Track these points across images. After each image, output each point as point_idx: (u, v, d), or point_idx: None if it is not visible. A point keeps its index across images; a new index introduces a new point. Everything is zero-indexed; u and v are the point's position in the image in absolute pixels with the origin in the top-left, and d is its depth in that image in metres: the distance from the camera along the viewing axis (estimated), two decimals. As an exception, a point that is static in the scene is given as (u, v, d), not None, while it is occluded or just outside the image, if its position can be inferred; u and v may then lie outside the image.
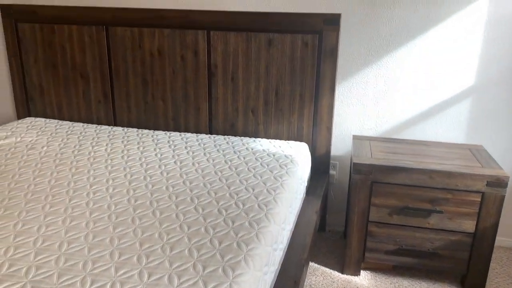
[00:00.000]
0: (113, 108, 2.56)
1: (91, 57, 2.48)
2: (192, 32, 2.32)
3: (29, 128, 2.40)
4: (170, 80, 2.42)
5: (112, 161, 1.98)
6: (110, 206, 1.55)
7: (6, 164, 1.91)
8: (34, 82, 2.61)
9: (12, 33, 2.55)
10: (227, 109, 2.40)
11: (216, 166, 1.94)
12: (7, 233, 1.36)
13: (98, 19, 2.41)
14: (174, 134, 2.37)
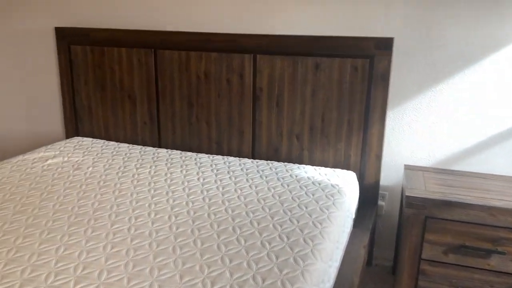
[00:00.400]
0: (158, 130, 2.57)
1: (138, 79, 2.52)
2: (238, 56, 2.30)
3: (76, 148, 2.45)
4: (215, 103, 2.40)
5: (155, 184, 1.96)
6: (152, 233, 1.52)
7: (52, 185, 1.93)
8: (83, 102, 2.68)
9: (65, 55, 2.63)
10: (271, 133, 2.34)
11: (259, 193, 1.88)
12: (49, 257, 1.35)
13: (147, 42, 2.45)
14: (217, 157, 2.33)
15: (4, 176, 2.01)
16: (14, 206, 1.70)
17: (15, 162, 2.20)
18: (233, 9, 2.33)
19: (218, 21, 2.36)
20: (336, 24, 2.17)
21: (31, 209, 1.68)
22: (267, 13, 2.27)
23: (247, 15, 2.31)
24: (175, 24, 2.44)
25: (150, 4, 2.47)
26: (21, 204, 1.72)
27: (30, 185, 1.92)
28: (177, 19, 2.44)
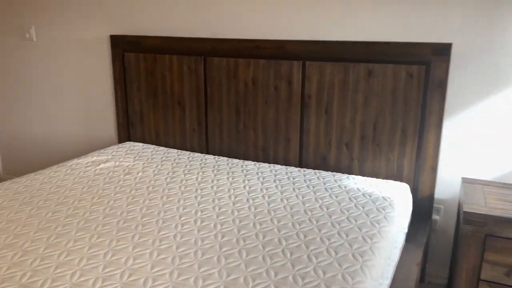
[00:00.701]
0: (206, 136, 2.58)
1: (188, 86, 2.54)
2: (287, 62, 2.27)
3: (127, 153, 2.51)
4: (262, 110, 2.38)
5: (202, 191, 1.96)
6: (197, 241, 1.51)
7: (103, 189, 1.98)
8: (136, 108, 2.75)
9: (119, 62, 2.72)
10: (319, 141, 2.28)
11: (305, 204, 1.83)
12: (97, 262, 1.37)
13: (197, 50, 2.47)
14: (263, 165, 2.31)
15: (59, 180, 2.09)
16: (67, 209, 1.75)
17: (70, 165, 2.29)
18: (282, 15, 2.30)
19: (267, 28, 2.34)
20: (390, 29, 2.08)
21: (83, 213, 1.73)
22: (317, 19, 2.22)
23: (296, 21, 2.27)
24: (225, 31, 2.45)
25: (200, 12, 2.49)
26: (73, 207, 1.78)
27: (83, 188, 1.98)
28: (226, 26, 2.44)
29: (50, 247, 1.45)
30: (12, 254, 1.40)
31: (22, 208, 1.76)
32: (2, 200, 1.83)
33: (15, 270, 1.31)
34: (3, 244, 1.46)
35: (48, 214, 1.71)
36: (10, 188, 1.96)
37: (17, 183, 2.03)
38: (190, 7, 2.51)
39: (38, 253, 1.41)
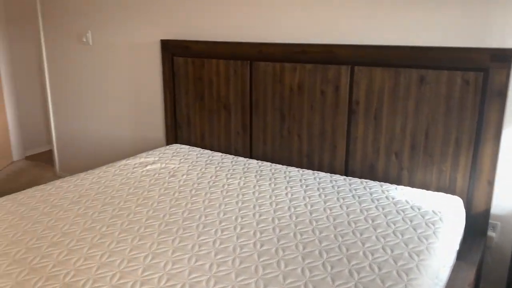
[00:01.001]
0: (250, 140, 2.57)
1: (234, 90, 2.55)
2: (334, 67, 2.21)
3: (174, 155, 2.55)
4: (308, 115, 2.33)
5: (243, 196, 1.95)
6: (236, 249, 1.49)
7: (148, 190, 2.02)
8: (183, 111, 2.79)
9: (169, 66, 2.77)
10: (366, 149, 2.20)
11: (350, 215, 1.76)
12: (137, 265, 1.39)
13: (243, 54, 2.47)
14: (307, 172, 2.26)
15: (107, 180, 2.15)
16: (113, 210, 1.80)
17: (119, 166, 2.35)
18: (330, 19, 2.24)
19: (314, 32, 2.30)
20: (444, 33, 1.97)
21: (127, 214, 1.76)
22: (366, 22, 2.14)
23: (344, 25, 2.21)
24: (271, 36, 2.43)
25: (247, 16, 2.48)
26: (119, 208, 1.82)
27: (129, 189, 2.03)
28: (273, 31, 2.42)
29: (93, 247, 1.49)
30: (58, 252, 1.45)
31: (71, 207, 1.82)
32: (53, 198, 1.91)
33: (59, 269, 1.36)
34: (50, 242, 1.52)
35: (95, 214, 1.76)
36: (62, 187, 2.05)
37: (68, 182, 2.11)
38: (237, 12, 2.51)
39: (82, 253, 1.45)
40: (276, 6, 2.38)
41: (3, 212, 1.75)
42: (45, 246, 1.49)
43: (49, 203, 1.86)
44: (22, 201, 1.87)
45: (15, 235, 1.57)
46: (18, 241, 1.52)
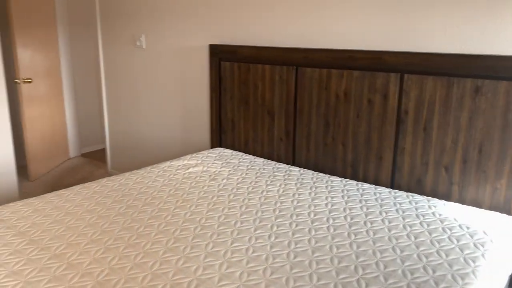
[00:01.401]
0: (293, 147, 2.53)
1: (279, 96, 2.52)
2: (383, 74, 2.12)
3: (216, 158, 2.56)
4: (353, 124, 2.26)
5: (281, 204, 1.91)
6: (268, 258, 1.46)
7: (188, 193, 2.04)
8: (228, 115, 2.80)
9: (216, 70, 2.80)
10: (414, 162, 2.09)
11: (391, 230, 1.67)
12: (168, 268, 1.39)
13: (290, 60, 2.44)
14: (350, 182, 2.18)
15: (150, 180, 2.20)
16: (152, 211, 1.83)
17: (162, 167, 2.40)
18: (379, 24, 2.16)
19: (362, 38, 2.22)
20: (503, 40, 1.83)
21: (165, 215, 1.78)
22: (417, 28, 2.04)
23: (394, 30, 2.12)
24: (318, 41, 2.38)
25: (294, 22, 2.45)
26: (158, 209, 1.85)
27: (170, 191, 2.06)
28: (320, 36, 2.37)
29: (129, 247, 1.52)
30: (96, 250, 1.49)
31: (113, 206, 1.87)
32: (98, 196, 1.97)
33: (95, 266, 1.39)
34: (89, 239, 1.57)
35: (135, 213, 1.80)
36: (107, 185, 2.12)
37: (113, 181, 2.18)
38: (284, 17, 2.49)
39: (117, 252, 1.48)
40: (324, 11, 2.33)
41: (50, 207, 1.83)
42: (84, 242, 1.54)
43: (93, 201, 1.92)
44: (69, 197, 1.95)
45: (58, 230, 1.63)
46: (60, 236, 1.58)
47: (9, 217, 1.72)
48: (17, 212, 1.77)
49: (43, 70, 3.95)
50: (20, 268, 1.37)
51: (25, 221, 1.70)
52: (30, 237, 1.57)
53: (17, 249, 1.48)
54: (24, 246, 1.50)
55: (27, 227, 1.64)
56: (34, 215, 1.75)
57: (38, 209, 1.81)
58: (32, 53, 3.75)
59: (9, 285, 1.28)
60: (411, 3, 2.05)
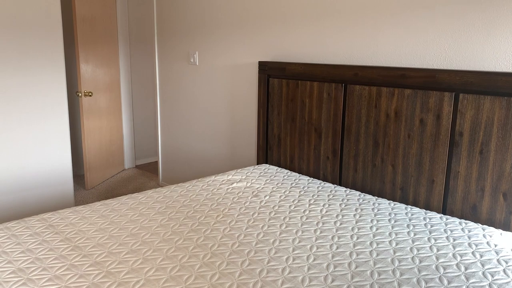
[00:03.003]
0: (340, 166, 2.46)
1: (326, 113, 2.48)
2: (436, 93, 2.02)
3: (261, 175, 2.55)
4: (404, 145, 2.16)
5: (323, 224, 1.86)
6: (304, 280, 1.41)
7: (230, 208, 2.03)
8: (275, 132, 2.79)
9: (264, 87, 2.81)
10: (469, 187, 1.96)
11: (440, 258, 1.56)
12: (202, 283, 1.38)
13: (339, 77, 2.40)
14: (399, 206, 2.08)
15: (194, 194, 2.22)
16: (192, 224, 1.84)
17: (207, 181, 2.42)
18: (433, 42, 2.07)
19: (415, 55, 2.14)
20: None
21: (205, 229, 1.79)
22: (474, 46, 1.93)
23: (449, 47, 2.02)
24: (369, 59, 2.32)
25: (344, 38, 2.42)
26: (198, 222, 1.86)
27: (212, 205, 2.06)
28: (370, 53, 2.31)
29: (167, 259, 1.53)
30: (134, 260, 1.51)
31: (156, 217, 1.91)
32: (142, 207, 2.02)
33: (132, 276, 1.41)
34: (129, 249, 1.60)
35: (175, 226, 1.82)
36: (152, 197, 2.16)
37: (159, 192, 2.23)
38: (334, 34, 2.46)
39: (155, 263, 1.50)
40: (375, 27, 2.28)
41: (96, 216, 1.89)
42: (125, 252, 1.57)
43: (137, 211, 1.97)
44: (115, 207, 2.02)
45: (101, 238, 1.68)
46: (102, 245, 1.62)
47: (58, 223, 1.80)
48: (66, 218, 1.85)
49: (104, 84, 4.17)
50: (62, 273, 1.41)
51: (72, 227, 1.77)
52: (75, 243, 1.63)
53: (62, 254, 1.54)
54: (68, 252, 1.56)
55: (73, 234, 1.71)
56: (81, 223, 1.81)
57: (85, 217, 1.88)
58: (94, 68, 3.98)
59: (50, 288, 1.32)
60: (468, 21, 1.95)
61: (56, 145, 3.19)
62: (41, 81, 3.06)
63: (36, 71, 3.02)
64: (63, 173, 3.26)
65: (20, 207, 3.07)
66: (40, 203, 3.17)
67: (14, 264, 1.46)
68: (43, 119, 3.11)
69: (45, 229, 1.74)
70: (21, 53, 2.94)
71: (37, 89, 3.05)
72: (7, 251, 1.55)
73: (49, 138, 3.15)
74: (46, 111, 3.11)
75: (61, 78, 3.15)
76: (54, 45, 3.07)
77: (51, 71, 3.09)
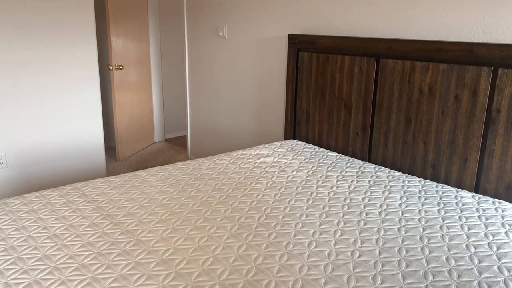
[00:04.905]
0: (370, 143, 2.42)
1: (357, 88, 2.42)
2: (473, 68, 1.94)
3: (288, 150, 2.54)
4: (437, 121, 2.10)
5: (350, 201, 1.84)
6: (331, 255, 1.41)
7: (257, 182, 2.04)
8: (303, 107, 2.76)
9: (293, 61, 2.76)
10: (504, 166, 1.89)
11: (471, 237, 1.53)
12: (229, 253, 1.41)
13: (371, 50, 2.33)
14: (430, 184, 2.04)
15: (222, 167, 2.24)
16: (220, 196, 1.86)
17: (235, 155, 2.43)
18: (471, 13, 1.97)
19: (451, 28, 2.05)
20: None
21: (232, 202, 1.81)
22: (521, 18, 1.83)
23: (489, 19, 1.92)
24: (403, 31, 2.24)
25: (377, 10, 2.33)
26: (226, 195, 1.88)
27: (239, 179, 2.08)
28: (404, 26, 2.23)
29: (195, 229, 1.56)
30: (163, 230, 1.55)
31: (185, 189, 1.94)
32: (172, 179, 2.05)
33: (161, 245, 1.45)
34: (159, 219, 1.63)
35: (204, 197, 1.85)
36: (181, 169, 2.19)
37: (188, 165, 2.26)
38: (366, 6, 2.38)
39: (184, 233, 1.53)
40: None
41: (127, 186, 1.94)
42: (154, 221, 1.61)
43: (167, 183, 2.00)
44: (145, 178, 2.06)
45: (132, 208, 1.72)
46: (133, 214, 1.67)
47: (90, 192, 1.86)
48: (98, 188, 1.91)
49: (134, 58, 4.20)
50: (95, 240, 1.46)
51: (104, 197, 1.82)
52: (106, 212, 1.68)
53: (94, 222, 1.59)
54: (100, 220, 1.61)
55: (105, 203, 1.76)
56: (112, 192, 1.86)
57: (116, 187, 1.92)
58: (124, 42, 4.01)
59: (84, 255, 1.37)
60: (512, -11, 1.84)
61: (88, 117, 3.27)
62: (74, 55, 3.11)
63: (69, 44, 3.07)
64: (95, 145, 3.35)
65: (54, 176, 3.18)
66: (73, 173, 3.27)
67: (49, 230, 1.53)
68: (76, 92, 3.18)
69: (78, 198, 1.80)
70: (55, 27, 2.98)
71: (70, 63, 3.10)
72: (43, 218, 1.62)
73: (82, 111, 3.23)
74: (79, 84, 3.18)
75: (92, 52, 3.19)
76: (86, 19, 3.11)
77: (83, 44, 3.14)
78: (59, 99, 3.11)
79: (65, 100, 3.14)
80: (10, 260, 1.33)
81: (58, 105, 3.11)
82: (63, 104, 3.13)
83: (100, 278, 1.25)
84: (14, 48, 2.86)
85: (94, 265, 1.32)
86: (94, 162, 3.36)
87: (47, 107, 3.06)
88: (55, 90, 3.08)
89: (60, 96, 3.11)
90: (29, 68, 2.94)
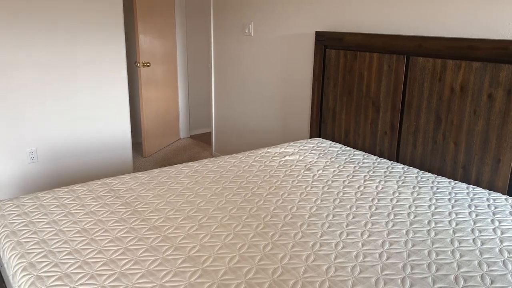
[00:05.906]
0: (398, 142, 2.37)
1: (385, 87, 2.38)
2: (509, 67, 1.87)
3: (314, 148, 2.52)
4: (469, 121, 2.04)
5: (378, 201, 1.81)
6: (358, 256, 1.39)
7: (282, 180, 2.03)
8: (329, 105, 2.73)
9: (320, 58, 2.73)
10: (541, 168, 1.83)
11: (504, 242, 1.48)
12: (255, 252, 1.40)
13: (400, 48, 2.28)
14: (460, 185, 1.98)
15: (247, 165, 2.24)
16: (245, 194, 1.86)
17: (260, 153, 2.43)
18: (506, 9, 1.90)
19: (484, 25, 1.98)
20: None
21: (257, 200, 1.80)
22: (561, 14, 1.75)
23: (530, 17, 1.85)
24: (433, 29, 2.18)
25: (407, 7, 2.28)
26: (251, 193, 1.88)
27: (264, 177, 2.07)
28: (435, 23, 2.17)
29: (221, 226, 1.56)
30: (190, 226, 1.56)
31: (210, 186, 1.95)
32: (198, 176, 2.07)
33: (188, 241, 1.45)
34: (186, 215, 1.64)
35: (229, 195, 1.85)
36: (207, 166, 2.20)
37: (213, 162, 2.26)
38: (394, 2, 2.32)
39: (210, 230, 1.53)
40: (443, -5, 2.13)
41: (154, 182, 1.96)
42: (181, 218, 1.62)
43: (193, 179, 2.01)
44: (172, 174, 2.08)
45: (159, 204, 1.74)
46: (160, 210, 1.68)
47: (118, 188, 1.89)
48: (126, 184, 1.93)
49: (161, 55, 4.25)
50: (123, 235, 1.49)
51: (132, 192, 1.84)
52: (134, 207, 1.70)
53: (122, 217, 1.62)
54: (128, 215, 1.63)
55: (133, 199, 1.78)
56: (140, 188, 1.89)
57: (144, 183, 1.95)
58: (152, 40, 4.05)
59: (112, 249, 1.40)
60: (552, -16, 1.77)
61: (116, 113, 3.32)
62: (103, 52, 3.16)
63: (98, 42, 3.12)
64: (123, 140, 3.40)
65: (83, 171, 3.25)
66: (101, 167, 3.33)
67: (79, 225, 1.56)
68: (105, 88, 3.23)
69: (106, 193, 1.83)
70: (86, 25, 3.04)
71: (99, 60, 3.16)
72: (72, 212, 1.65)
73: (110, 106, 3.28)
74: (108, 80, 3.23)
75: (121, 49, 3.24)
76: (115, 18, 3.15)
77: (112, 42, 3.19)
78: (88, 95, 3.17)
79: (94, 96, 3.20)
80: (41, 254, 1.37)
81: (87, 101, 3.17)
82: (92, 100, 3.19)
83: (128, 274, 1.27)
84: (47, 45, 2.93)
85: (122, 261, 1.33)
86: (121, 157, 3.42)
87: (77, 103, 3.13)
88: (85, 86, 3.14)
89: (89, 92, 3.17)
90: (60, 64, 3.01)
